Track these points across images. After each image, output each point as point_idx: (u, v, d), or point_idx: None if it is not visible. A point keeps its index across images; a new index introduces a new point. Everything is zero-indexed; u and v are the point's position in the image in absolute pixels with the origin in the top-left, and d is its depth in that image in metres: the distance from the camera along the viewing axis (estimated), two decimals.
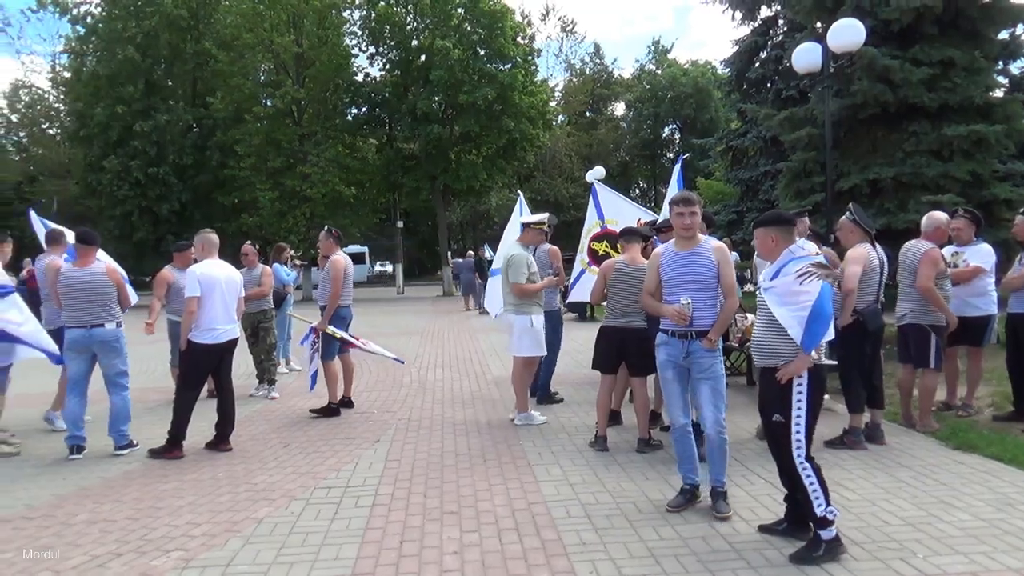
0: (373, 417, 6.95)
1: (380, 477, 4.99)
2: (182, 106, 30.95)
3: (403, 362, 8.62)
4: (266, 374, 8.27)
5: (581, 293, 8.23)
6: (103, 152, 29.72)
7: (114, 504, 4.61)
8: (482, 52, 28.81)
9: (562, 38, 59.70)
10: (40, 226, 7.53)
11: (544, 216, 6.86)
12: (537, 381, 7.10)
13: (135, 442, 5.94)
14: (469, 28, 28.68)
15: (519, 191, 10.12)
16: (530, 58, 30.19)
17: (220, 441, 5.91)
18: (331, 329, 6.98)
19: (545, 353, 6.72)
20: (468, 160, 29.86)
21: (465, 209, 45.31)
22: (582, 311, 16.37)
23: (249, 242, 8.96)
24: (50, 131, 45.01)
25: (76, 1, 32.03)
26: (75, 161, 35.37)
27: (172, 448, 5.70)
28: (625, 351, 5.60)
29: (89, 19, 31.72)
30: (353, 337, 7.22)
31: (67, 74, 38.16)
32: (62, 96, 41.89)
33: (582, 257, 8.33)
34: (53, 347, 5.91)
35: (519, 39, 29.39)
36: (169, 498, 4.69)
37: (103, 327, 5.79)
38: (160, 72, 30.93)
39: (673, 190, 7.77)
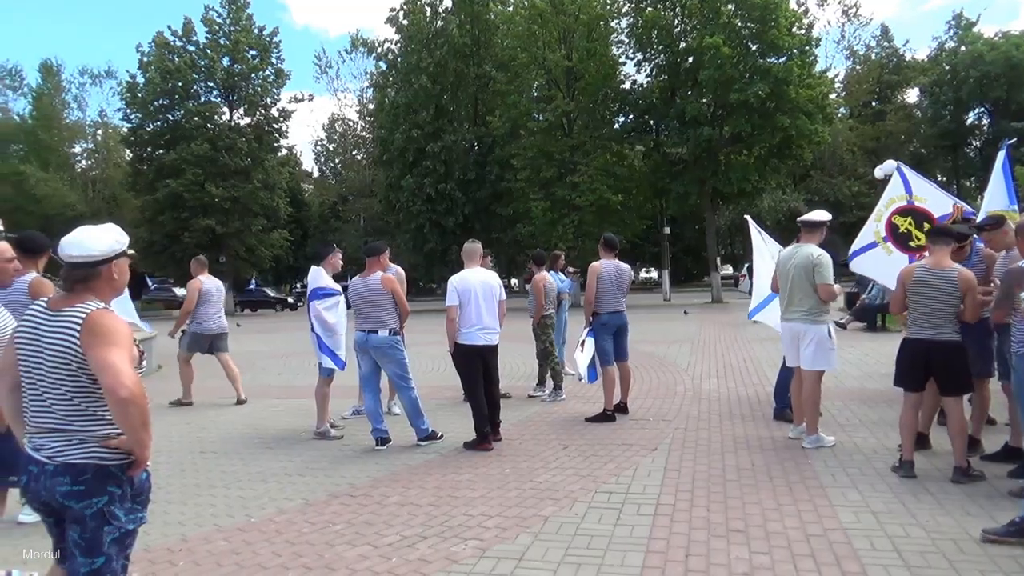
0: (649, 425, 6.92)
1: (660, 486, 4.94)
2: (466, 126, 33.73)
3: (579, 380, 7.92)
4: (556, 378, 8.61)
5: (867, 266, 7.32)
6: (401, 172, 33.45)
7: (419, 490, 5.10)
8: (754, 47, 27.54)
9: (843, 23, 54.94)
10: None
11: (827, 214, 6.29)
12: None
13: (438, 434, 6.51)
14: (739, 23, 27.57)
15: (745, 216, 9.52)
16: (807, 48, 28.09)
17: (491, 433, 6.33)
18: (588, 341, 7.18)
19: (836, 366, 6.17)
20: (739, 161, 28.73)
21: (735, 212, 43.59)
22: (871, 320, 14.87)
23: (538, 249, 9.51)
24: (358, 156, 51.57)
25: (380, 40, 36.51)
26: (378, 182, 40.28)
27: (481, 442, 6.17)
28: (933, 367, 4.95)
29: (390, 55, 35.90)
30: (583, 344, 7.27)
31: (371, 105, 43.56)
32: (368, 125, 47.80)
33: (877, 228, 7.32)
34: (343, 357, 6.80)
35: (794, 29, 27.55)
36: (464, 489, 5.07)
37: (376, 334, 6.34)
38: (447, 97, 33.97)
39: (998, 183, 6.70)
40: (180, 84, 36.92)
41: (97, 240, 2.50)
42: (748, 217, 8.96)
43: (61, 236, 2.63)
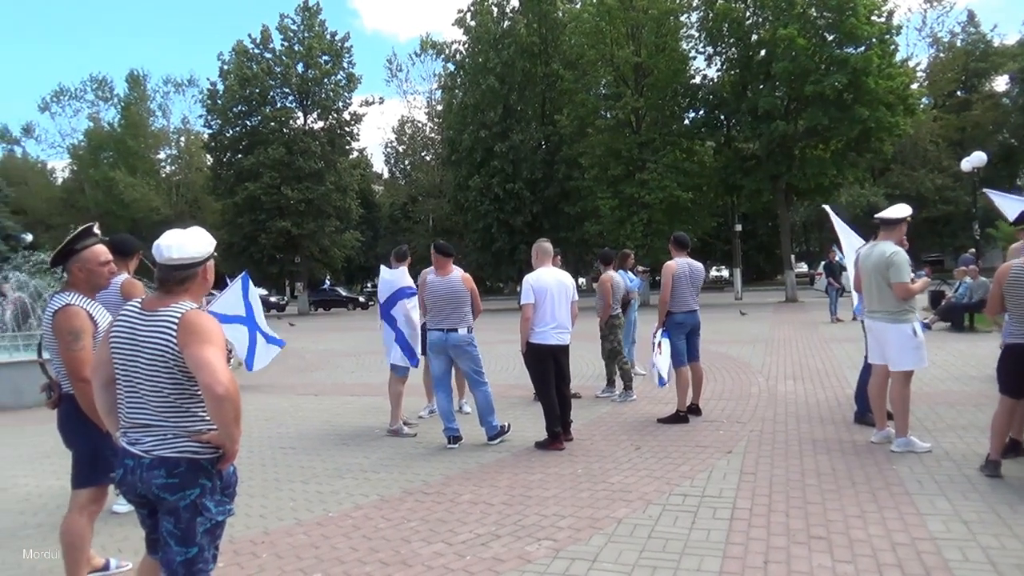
0: (723, 427, 6.78)
1: (736, 490, 4.83)
2: (533, 125, 33.74)
3: (664, 385, 7.55)
4: (625, 378, 8.54)
5: None
6: (469, 173, 33.73)
7: (491, 488, 5.13)
8: (830, 37, 26.59)
9: (925, 9, 52.55)
10: None
11: (907, 209, 6.00)
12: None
13: (507, 426, 6.56)
14: (814, 13, 26.66)
15: (824, 207, 9.13)
16: (887, 37, 26.82)
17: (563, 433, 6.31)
18: (665, 342, 7.05)
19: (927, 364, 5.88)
20: (814, 156, 27.81)
21: (809, 209, 42.27)
22: (958, 319, 14.19)
23: (607, 248, 9.44)
24: (427, 157, 52.27)
25: (448, 42, 36.91)
26: (447, 182, 40.76)
27: (553, 441, 6.18)
28: None
29: (458, 56, 36.27)
30: (659, 345, 7.13)
31: (440, 107, 44.14)
32: (436, 126, 48.43)
33: None
34: (418, 354, 6.90)
35: (873, 17, 26.45)
36: (536, 488, 5.07)
37: (456, 332, 6.41)
38: (515, 96, 34.05)
39: None
40: (257, 90, 38.20)
41: (195, 243, 2.61)
42: (828, 208, 8.63)
43: (148, 239, 2.75)
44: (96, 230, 3.66)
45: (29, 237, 34.82)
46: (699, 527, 4.18)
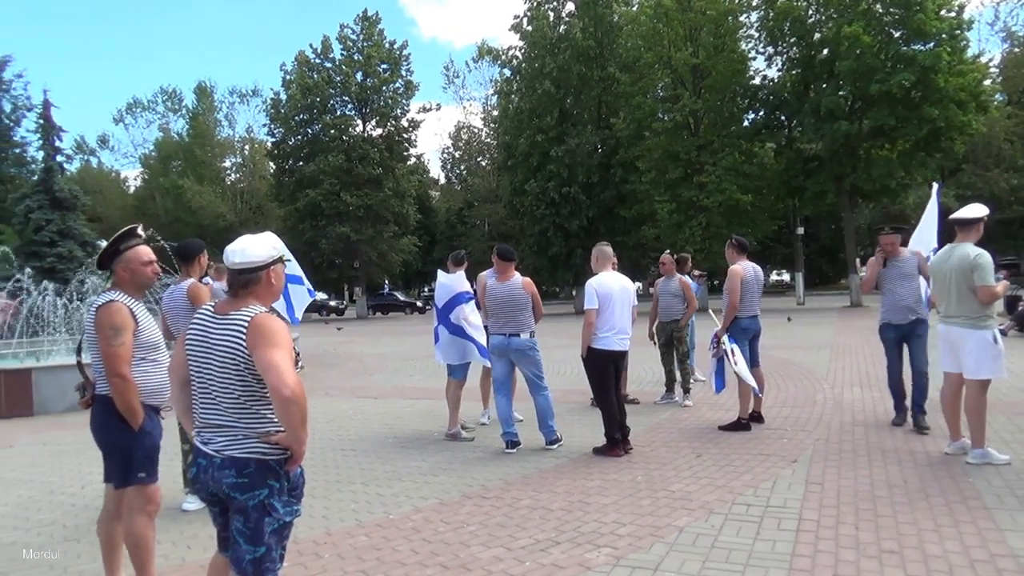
0: (787, 435, 6.61)
1: (802, 500, 4.70)
2: (589, 129, 33.59)
3: (761, 396, 7.32)
4: (684, 381, 8.43)
5: None
6: (525, 177, 33.78)
7: (550, 494, 5.11)
8: (897, 34, 25.77)
9: (998, 3, 50.48)
10: None
11: (983, 209, 5.72)
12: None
13: (561, 437, 6.54)
14: (880, 9, 25.87)
15: (936, 182, 8.71)
16: (958, 32, 25.76)
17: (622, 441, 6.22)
18: (735, 347, 6.86)
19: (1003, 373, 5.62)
20: (880, 157, 26.96)
21: (874, 211, 40.96)
22: None
23: (668, 251, 9.32)
24: (483, 163, 52.59)
25: (504, 48, 37.09)
26: (502, 187, 40.89)
27: (612, 447, 6.14)
28: None
29: (514, 62, 36.40)
30: (731, 352, 6.92)
31: (496, 112, 44.38)
32: (492, 131, 48.69)
33: None
34: (487, 355, 6.88)
35: (943, 12, 25.49)
36: (596, 495, 5.03)
37: (518, 337, 6.43)
38: (571, 100, 34.00)
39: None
40: (318, 99, 39.10)
41: (257, 247, 2.67)
42: (935, 186, 8.12)
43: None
44: (140, 231, 3.74)
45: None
46: (764, 538, 4.08)
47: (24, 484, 6.13)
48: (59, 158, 34.97)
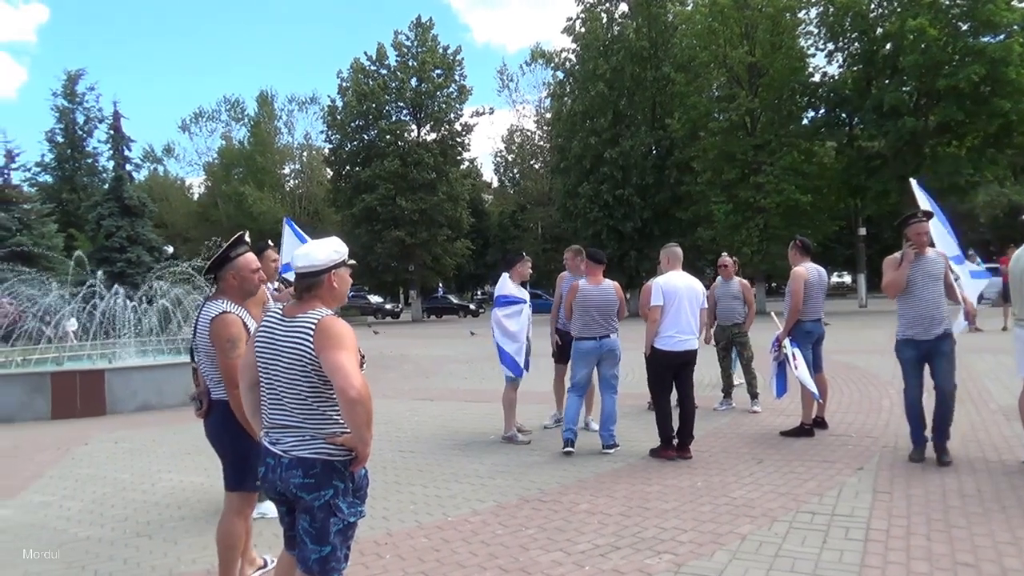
0: (852, 441, 6.43)
1: (870, 509, 4.55)
2: (643, 130, 33.24)
3: (822, 402, 7.06)
4: (750, 387, 8.26)
5: None
6: (578, 180, 33.63)
7: (608, 498, 5.07)
8: (964, 26, 24.84)
9: None
10: None
11: None
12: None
13: (618, 443, 6.48)
14: (947, 1, 24.96)
15: (912, 178, 8.44)
16: None
17: (681, 449, 6.12)
18: (798, 352, 6.69)
19: None
20: (947, 154, 26.01)
21: (944, 210, 39.47)
22: None
23: (725, 254, 9.17)
24: (535, 166, 52.57)
25: (557, 50, 37.04)
26: (555, 189, 40.82)
27: (665, 448, 6.10)
28: None
29: (567, 64, 36.31)
30: (793, 356, 6.72)
31: (549, 115, 44.39)
32: (545, 134, 48.69)
33: None
34: (522, 364, 6.91)
35: (1014, 2, 24.43)
36: (655, 500, 4.98)
37: (609, 338, 6.48)
38: (624, 102, 33.69)
39: None
40: (374, 105, 39.67)
41: (319, 252, 2.73)
42: (913, 181, 7.99)
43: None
44: (247, 239, 3.83)
45: (170, 249, 37.56)
46: (830, 547, 3.97)
47: (98, 481, 6.38)
48: (128, 167, 36.35)
